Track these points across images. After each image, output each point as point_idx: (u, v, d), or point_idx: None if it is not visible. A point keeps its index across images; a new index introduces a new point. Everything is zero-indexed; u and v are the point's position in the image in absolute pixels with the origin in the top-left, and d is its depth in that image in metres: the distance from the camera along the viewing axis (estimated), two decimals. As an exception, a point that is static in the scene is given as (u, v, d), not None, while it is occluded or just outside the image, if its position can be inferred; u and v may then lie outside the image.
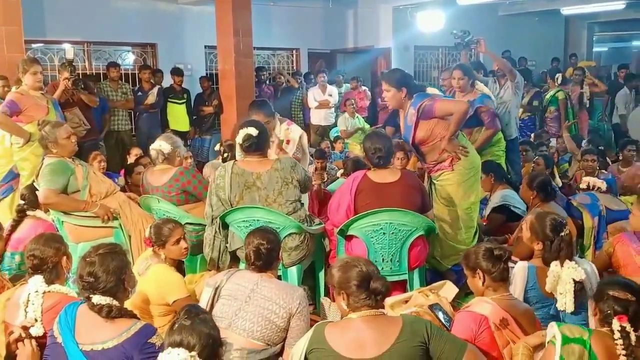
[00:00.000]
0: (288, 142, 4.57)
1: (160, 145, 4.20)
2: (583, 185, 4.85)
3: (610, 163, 6.67)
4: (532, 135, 8.12)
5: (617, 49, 14.73)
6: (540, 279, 3.05)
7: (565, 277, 2.93)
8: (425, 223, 3.70)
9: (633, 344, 2.14)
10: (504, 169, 5.55)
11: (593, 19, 13.54)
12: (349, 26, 11.37)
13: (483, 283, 2.65)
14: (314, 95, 9.67)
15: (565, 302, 2.91)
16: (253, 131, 3.71)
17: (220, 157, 5.85)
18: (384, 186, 3.70)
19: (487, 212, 5.18)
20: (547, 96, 8.04)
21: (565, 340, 2.18)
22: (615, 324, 2.17)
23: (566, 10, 11.93)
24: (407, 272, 3.69)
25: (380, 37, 10.97)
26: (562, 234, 3.06)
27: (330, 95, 9.68)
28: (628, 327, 2.16)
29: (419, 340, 2.18)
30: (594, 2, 10.94)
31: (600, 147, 7.07)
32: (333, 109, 9.76)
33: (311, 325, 2.50)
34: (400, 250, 3.66)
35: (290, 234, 3.65)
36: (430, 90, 4.61)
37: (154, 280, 3.15)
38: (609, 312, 2.23)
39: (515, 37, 11.57)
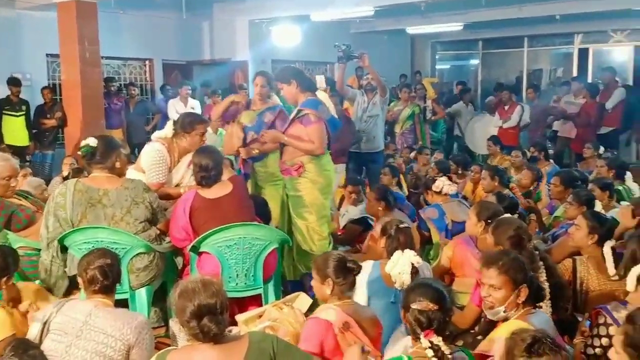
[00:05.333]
0: None
1: None
2: (436, 189, 4.93)
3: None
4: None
5: (458, 67, 16.03)
6: (383, 271, 3.27)
7: (404, 259, 3.16)
8: (279, 236, 3.71)
9: (449, 356, 2.12)
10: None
11: (435, 38, 14.62)
12: (204, 38, 11.21)
13: (331, 291, 2.72)
14: (175, 108, 9.39)
15: (403, 281, 3.12)
16: (92, 141, 3.53)
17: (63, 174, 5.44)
18: (218, 201, 3.63)
19: (343, 222, 5.34)
20: (405, 112, 8.43)
21: None
22: (425, 342, 2.15)
23: (411, 30, 12.75)
24: (262, 285, 3.66)
25: (237, 50, 10.93)
26: (401, 226, 3.43)
27: (193, 108, 9.46)
28: (437, 341, 2.13)
29: (266, 358, 2.15)
30: (435, 23, 11.80)
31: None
32: None
33: (159, 349, 2.38)
34: (255, 264, 3.62)
35: (138, 254, 3.46)
36: (321, 95, 4.56)
37: None
38: (415, 326, 2.22)
39: (367, 54, 12.11)
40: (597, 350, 2.58)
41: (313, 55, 11.94)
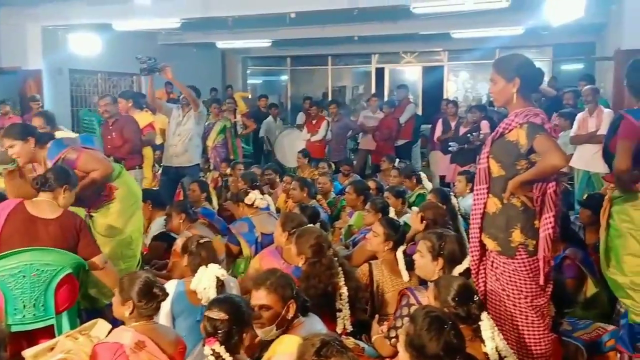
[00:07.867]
0: None
1: None
2: (248, 201, 4.98)
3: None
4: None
5: (269, 82, 16.43)
6: (188, 289, 3.21)
7: (209, 274, 3.13)
8: (73, 260, 3.40)
9: None
10: (162, 196, 5.58)
11: (246, 53, 14.81)
12: (-11, 44, 10.06)
13: (130, 313, 2.62)
14: None
15: (209, 296, 3.07)
16: None
17: None
18: (39, 221, 3.33)
19: (148, 240, 5.10)
20: (217, 127, 8.37)
21: None
22: (207, 350, 2.16)
23: (221, 44, 12.76)
24: (54, 316, 3.33)
25: (28, 58, 9.93)
26: (202, 241, 3.39)
27: None
28: (218, 348, 2.14)
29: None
30: (244, 39, 11.96)
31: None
32: None
33: None
34: (45, 292, 3.28)
35: None
36: (62, 134, 4.31)
37: None
38: (204, 334, 2.24)
39: (175, 67, 11.80)
40: (400, 331, 2.63)
41: (117, 66, 11.34)
